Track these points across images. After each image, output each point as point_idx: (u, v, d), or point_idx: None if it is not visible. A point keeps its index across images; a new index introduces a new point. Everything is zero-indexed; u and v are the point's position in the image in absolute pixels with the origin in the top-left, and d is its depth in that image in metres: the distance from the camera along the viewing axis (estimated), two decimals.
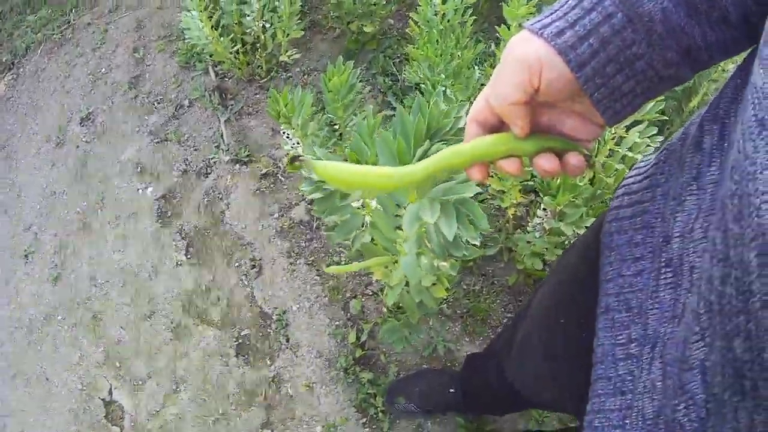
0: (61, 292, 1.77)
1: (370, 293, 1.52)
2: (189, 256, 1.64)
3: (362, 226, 1.14)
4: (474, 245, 0.95)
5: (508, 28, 1.47)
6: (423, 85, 1.58)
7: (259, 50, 1.80)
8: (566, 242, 1.35)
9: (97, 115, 1.97)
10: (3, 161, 2.09)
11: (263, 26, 1.76)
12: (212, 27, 1.71)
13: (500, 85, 0.43)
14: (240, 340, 1.55)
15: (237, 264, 1.60)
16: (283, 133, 1.44)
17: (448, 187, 0.87)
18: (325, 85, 1.42)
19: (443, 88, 1.51)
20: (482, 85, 1.59)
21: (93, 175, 1.87)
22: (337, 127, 1.47)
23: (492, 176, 1.66)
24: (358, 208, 1.12)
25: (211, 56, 1.79)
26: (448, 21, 1.58)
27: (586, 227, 1.29)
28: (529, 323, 0.88)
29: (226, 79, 1.87)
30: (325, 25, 1.90)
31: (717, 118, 0.43)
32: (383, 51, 1.83)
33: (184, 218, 1.68)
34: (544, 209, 1.34)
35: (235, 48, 1.77)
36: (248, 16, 1.75)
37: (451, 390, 1.37)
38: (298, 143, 1.47)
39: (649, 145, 1.25)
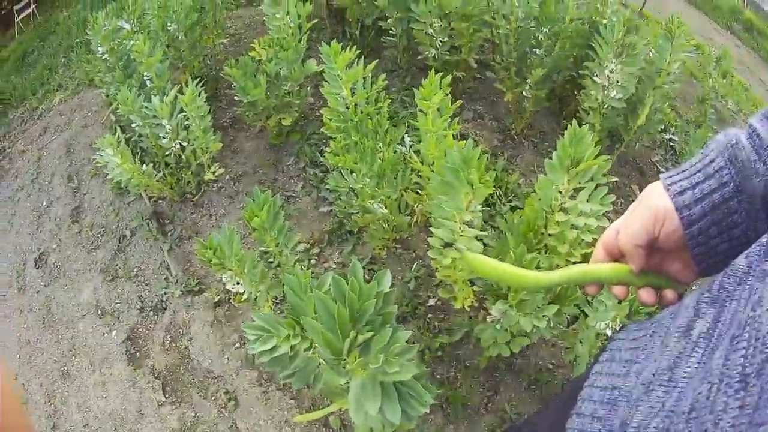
0: None
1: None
2: (167, 395, 1.65)
3: (318, 366, 1.13)
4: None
5: (425, 115, 1.39)
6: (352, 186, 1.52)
7: (184, 169, 1.74)
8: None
9: (49, 255, 1.95)
10: None
11: (180, 145, 1.69)
12: (133, 156, 1.65)
13: (631, 224, 0.51)
14: None
15: (213, 398, 1.60)
16: (221, 276, 1.41)
17: (388, 370, 0.85)
18: (249, 223, 1.37)
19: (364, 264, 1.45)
20: (408, 187, 1.52)
21: (59, 320, 1.87)
22: (272, 260, 1.42)
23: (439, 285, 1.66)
24: (311, 356, 1.10)
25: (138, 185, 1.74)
26: (362, 111, 1.49)
27: (544, 316, 1.25)
28: None
29: (161, 202, 1.82)
30: (246, 121, 1.81)
31: (717, 300, 0.40)
32: (308, 139, 1.75)
33: (152, 358, 1.68)
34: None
35: (159, 174, 1.72)
36: (163, 138, 1.68)
37: None
38: (238, 283, 1.44)
39: (602, 208, 1.17)
